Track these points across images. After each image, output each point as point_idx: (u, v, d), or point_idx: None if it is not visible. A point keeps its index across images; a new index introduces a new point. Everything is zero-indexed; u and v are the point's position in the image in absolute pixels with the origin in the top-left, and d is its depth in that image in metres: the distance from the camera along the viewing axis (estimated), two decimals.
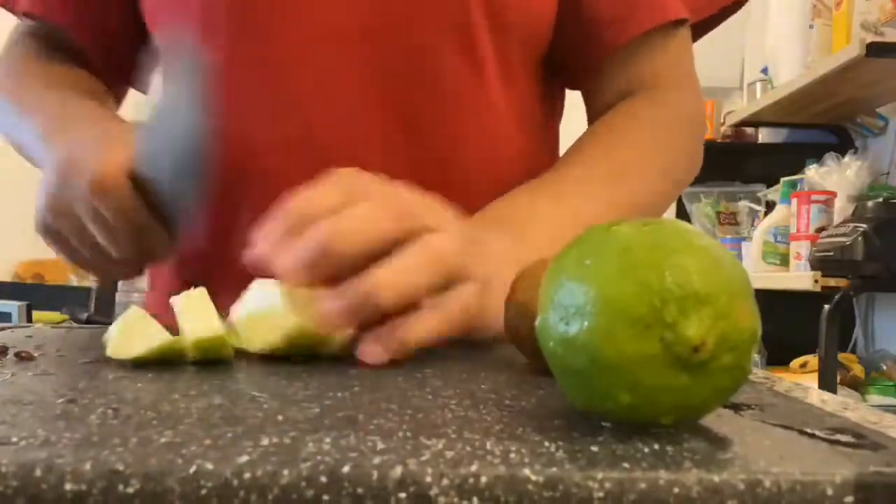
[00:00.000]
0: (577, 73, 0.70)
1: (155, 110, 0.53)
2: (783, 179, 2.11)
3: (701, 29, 0.71)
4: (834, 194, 1.91)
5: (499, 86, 0.64)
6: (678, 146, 0.68)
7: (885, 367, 1.96)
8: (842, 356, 1.87)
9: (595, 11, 0.65)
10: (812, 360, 1.97)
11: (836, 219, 1.85)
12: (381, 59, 0.60)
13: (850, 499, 0.22)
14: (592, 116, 0.70)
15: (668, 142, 0.67)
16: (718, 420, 0.29)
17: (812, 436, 0.27)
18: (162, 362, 0.39)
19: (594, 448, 0.24)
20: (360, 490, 0.21)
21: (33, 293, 3.02)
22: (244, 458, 0.22)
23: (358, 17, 0.60)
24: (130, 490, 0.21)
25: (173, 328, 0.40)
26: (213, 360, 0.40)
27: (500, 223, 0.55)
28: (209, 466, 0.21)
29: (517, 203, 0.58)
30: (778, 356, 2.04)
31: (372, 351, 0.41)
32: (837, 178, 1.97)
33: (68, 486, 0.21)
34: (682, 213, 2.47)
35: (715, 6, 0.69)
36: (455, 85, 0.62)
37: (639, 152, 0.64)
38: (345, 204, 0.41)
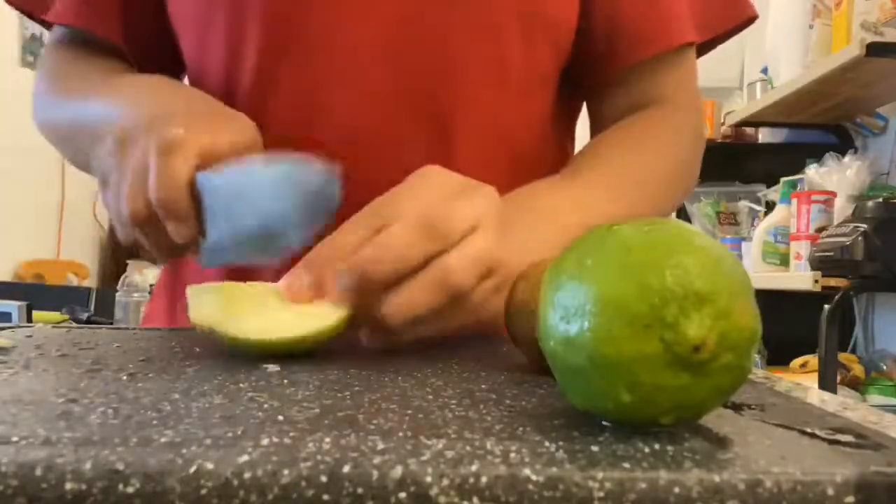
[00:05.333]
0: (588, 85, 0.70)
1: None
2: (783, 179, 2.11)
3: (706, 46, 0.72)
4: (834, 194, 1.91)
5: (525, 96, 0.65)
6: (685, 160, 0.70)
7: (885, 367, 1.96)
8: (842, 356, 1.87)
9: (614, 28, 0.66)
10: (812, 360, 1.97)
11: (836, 219, 1.85)
12: (411, 68, 0.61)
13: (850, 499, 0.22)
14: (596, 129, 0.71)
15: (678, 156, 0.69)
16: (719, 420, 0.29)
17: (812, 436, 0.27)
18: (163, 361, 0.39)
19: (594, 448, 0.24)
20: (360, 490, 0.21)
21: (33, 293, 3.02)
22: (244, 458, 0.22)
23: (390, 27, 0.60)
24: (130, 489, 0.21)
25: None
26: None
27: (522, 214, 0.56)
28: (209, 466, 0.21)
29: (538, 196, 0.59)
30: (778, 356, 2.05)
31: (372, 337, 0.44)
32: (837, 178, 1.97)
33: (68, 486, 0.21)
34: (682, 213, 2.47)
35: (724, 26, 0.70)
36: (482, 92, 0.63)
37: (652, 163, 0.66)
38: (377, 230, 0.44)
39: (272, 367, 0.39)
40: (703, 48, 0.72)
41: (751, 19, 0.71)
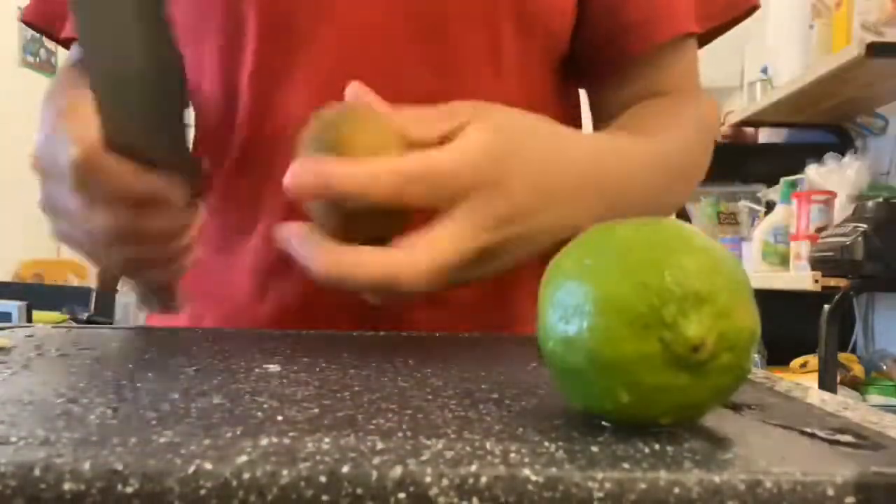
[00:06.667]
0: (590, 76, 0.70)
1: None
2: (783, 179, 2.11)
3: (707, 37, 0.71)
4: (834, 194, 1.91)
5: (517, 86, 0.64)
6: (702, 150, 0.68)
7: (885, 367, 1.96)
8: (842, 356, 1.87)
9: (618, 16, 0.65)
10: (812, 360, 1.97)
11: (836, 219, 1.85)
12: (406, 52, 0.61)
13: (850, 499, 0.22)
14: (598, 119, 0.70)
15: (696, 144, 0.67)
16: (719, 420, 0.29)
17: (812, 436, 0.27)
18: (163, 361, 0.39)
19: (594, 448, 0.24)
20: (359, 490, 0.21)
21: (33, 293, 3.02)
22: (243, 459, 0.22)
23: (390, 15, 0.60)
24: (129, 490, 0.21)
25: None
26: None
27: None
28: (208, 466, 0.21)
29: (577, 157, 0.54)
30: (778, 356, 2.04)
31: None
32: (837, 178, 1.97)
33: (67, 486, 0.21)
34: (682, 213, 2.47)
35: (725, 16, 0.69)
36: (476, 81, 0.62)
37: (674, 147, 0.64)
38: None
39: (272, 367, 0.39)
40: (704, 39, 0.71)
41: (753, 8, 0.69)
